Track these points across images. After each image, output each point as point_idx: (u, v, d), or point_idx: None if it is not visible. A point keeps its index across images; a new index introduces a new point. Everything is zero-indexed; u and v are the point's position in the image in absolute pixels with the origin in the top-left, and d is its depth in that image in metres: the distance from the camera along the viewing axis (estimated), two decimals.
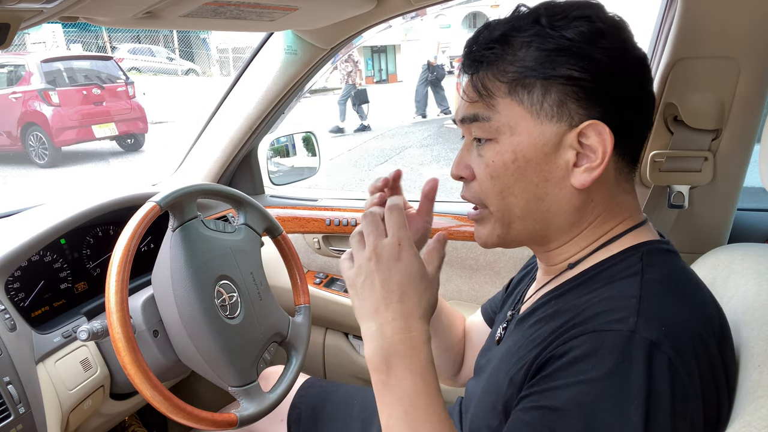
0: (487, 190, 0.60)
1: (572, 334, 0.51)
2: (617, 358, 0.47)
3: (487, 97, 0.58)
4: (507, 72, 0.57)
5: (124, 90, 8.27)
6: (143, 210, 0.86)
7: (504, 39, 0.57)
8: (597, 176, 0.56)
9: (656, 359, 0.47)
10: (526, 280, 0.77)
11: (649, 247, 0.58)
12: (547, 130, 0.56)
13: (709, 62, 0.83)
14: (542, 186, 0.58)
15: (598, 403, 0.46)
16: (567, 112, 0.56)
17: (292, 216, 1.56)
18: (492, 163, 0.59)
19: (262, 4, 0.86)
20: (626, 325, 0.49)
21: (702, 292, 0.56)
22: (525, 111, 0.56)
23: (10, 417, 0.82)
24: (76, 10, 0.71)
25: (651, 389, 0.46)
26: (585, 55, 0.55)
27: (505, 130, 0.58)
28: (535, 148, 0.57)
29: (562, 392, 0.48)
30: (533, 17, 0.57)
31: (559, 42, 0.55)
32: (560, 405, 0.48)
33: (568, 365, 0.49)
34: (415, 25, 17.50)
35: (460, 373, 0.92)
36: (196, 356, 0.88)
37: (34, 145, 7.60)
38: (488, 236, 0.63)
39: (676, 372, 0.47)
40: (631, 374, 0.46)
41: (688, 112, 0.87)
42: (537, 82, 0.56)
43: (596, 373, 0.47)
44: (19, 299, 1.00)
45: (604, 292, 0.55)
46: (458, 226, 1.36)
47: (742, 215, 1.06)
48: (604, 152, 0.55)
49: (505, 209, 0.60)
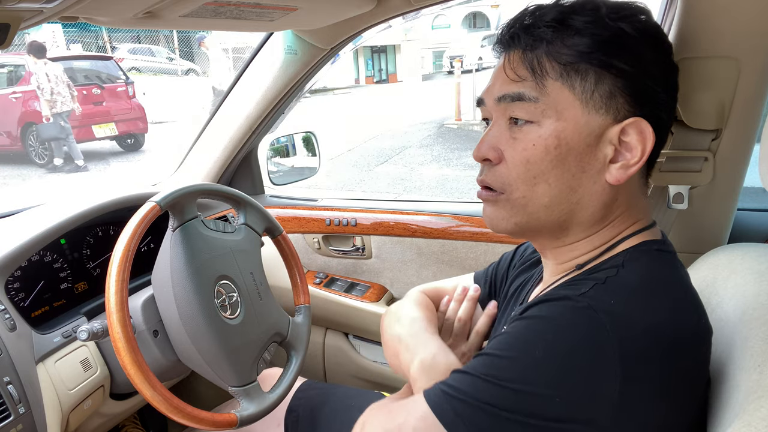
0: (519, 174, 0.58)
1: (529, 304, 0.55)
2: (552, 306, 0.52)
3: (540, 77, 0.56)
4: (562, 54, 0.55)
5: (124, 90, 8.27)
6: (143, 210, 0.86)
7: (562, 20, 0.56)
8: (631, 174, 0.56)
9: (586, 317, 0.49)
10: (527, 282, 0.77)
11: (640, 247, 0.58)
12: (593, 120, 0.55)
13: (709, 62, 0.83)
14: (578, 176, 0.57)
15: (518, 333, 0.52)
16: (614, 105, 0.55)
17: (292, 216, 1.56)
18: (532, 146, 0.56)
19: (262, 4, 0.86)
20: (576, 292, 0.52)
21: (682, 294, 0.55)
22: (575, 97, 0.55)
23: (10, 417, 0.82)
24: (76, 10, 0.71)
25: (559, 338, 0.49)
26: (638, 52, 0.55)
27: (551, 113, 0.56)
28: (579, 137, 0.55)
29: (506, 330, 0.54)
30: (592, 5, 0.56)
31: (616, 33, 0.55)
32: (500, 332, 0.55)
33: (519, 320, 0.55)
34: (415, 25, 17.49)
35: None
36: (196, 356, 0.88)
37: (34, 145, 7.60)
38: (503, 221, 0.61)
39: (600, 333, 0.48)
40: (552, 321, 0.51)
41: (688, 112, 0.87)
42: (591, 69, 0.55)
43: (530, 314, 0.53)
44: (19, 299, 1.00)
45: None
46: (458, 226, 1.36)
47: (742, 215, 1.06)
48: (643, 150, 0.55)
49: (533, 196, 0.58)
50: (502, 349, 0.52)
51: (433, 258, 1.41)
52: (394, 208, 1.45)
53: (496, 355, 0.51)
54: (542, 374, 0.48)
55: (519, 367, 0.49)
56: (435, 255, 1.40)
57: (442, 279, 1.41)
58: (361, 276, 1.54)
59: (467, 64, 14.31)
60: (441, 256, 1.39)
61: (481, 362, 0.52)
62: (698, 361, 0.53)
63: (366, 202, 1.53)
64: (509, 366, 0.50)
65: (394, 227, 1.43)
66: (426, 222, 1.39)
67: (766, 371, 0.51)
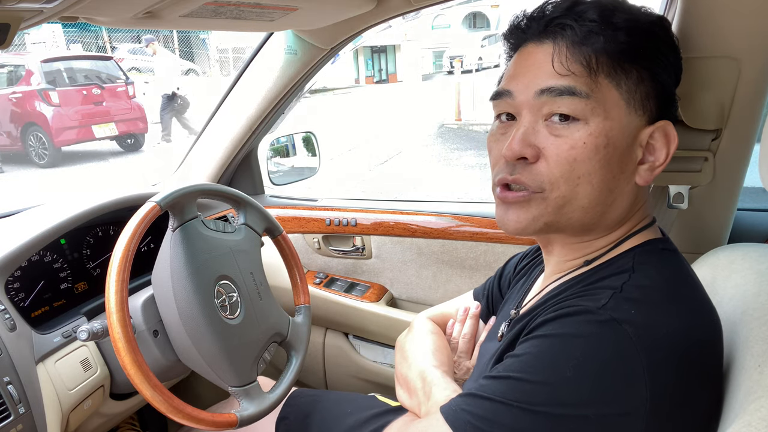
0: (561, 173, 0.55)
1: (546, 318, 0.53)
2: (575, 322, 0.50)
3: (594, 73, 0.54)
4: (613, 51, 0.54)
5: (124, 90, 8.26)
6: (143, 210, 0.86)
7: (603, 17, 0.54)
8: (656, 175, 0.57)
9: (610, 330, 0.48)
10: (525, 279, 0.77)
11: (646, 247, 0.58)
12: (633, 121, 0.55)
13: (709, 62, 0.83)
14: (617, 177, 0.56)
15: (543, 354, 0.50)
16: (649, 107, 0.56)
17: (292, 216, 1.56)
18: (582, 145, 0.54)
19: (262, 4, 0.86)
20: (596, 303, 0.51)
21: (695, 294, 0.55)
22: (620, 96, 0.55)
23: (10, 417, 0.82)
24: (76, 10, 0.71)
25: (588, 356, 0.48)
26: (667, 56, 0.56)
27: (599, 111, 0.54)
28: (623, 137, 0.55)
29: (523, 344, 0.53)
30: (625, 4, 0.56)
31: (654, 34, 0.55)
32: (519, 352, 0.52)
33: (534, 330, 0.53)
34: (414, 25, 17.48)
35: None
36: (196, 356, 0.88)
37: (34, 145, 7.60)
38: (531, 221, 0.58)
39: (627, 346, 0.47)
40: (578, 338, 0.49)
41: (688, 112, 0.87)
42: (634, 68, 0.54)
43: (552, 331, 0.51)
44: (19, 299, 1.00)
45: (591, 287, 0.56)
46: (458, 226, 1.36)
47: (742, 215, 1.06)
48: (668, 152, 0.56)
49: (573, 197, 0.55)
50: (528, 372, 0.50)
51: (433, 258, 1.41)
52: (394, 208, 1.45)
53: (524, 379, 0.50)
54: (576, 394, 0.47)
55: (551, 390, 0.48)
56: (435, 255, 1.40)
57: (441, 279, 1.41)
58: (361, 276, 1.54)
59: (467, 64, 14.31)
60: (441, 256, 1.39)
61: (507, 387, 0.50)
62: (717, 358, 0.54)
63: (366, 202, 1.53)
64: (541, 390, 0.48)
65: (394, 227, 1.43)
66: (426, 222, 1.39)
67: (766, 371, 0.51)
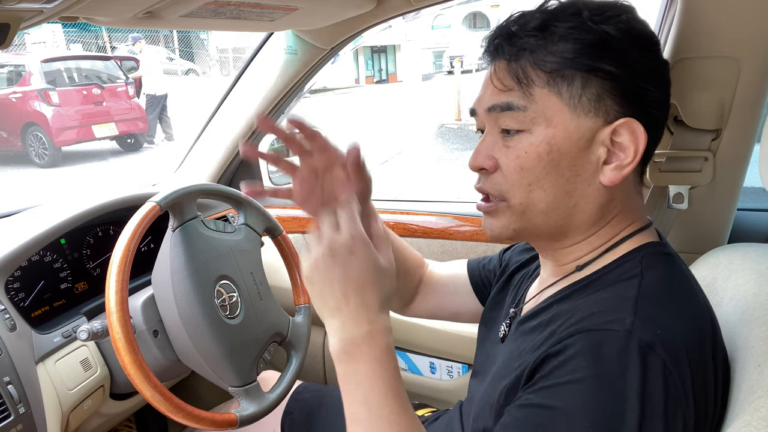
0: (514, 182, 0.58)
1: (567, 333, 0.51)
2: (612, 358, 0.47)
3: (526, 86, 0.56)
4: (547, 62, 0.56)
5: (124, 90, 8.26)
6: (143, 210, 0.86)
7: (544, 27, 0.56)
8: (626, 175, 0.56)
9: (651, 361, 0.47)
10: (525, 277, 0.77)
11: (649, 250, 0.58)
12: (583, 124, 0.56)
13: (709, 62, 0.83)
14: (572, 181, 0.57)
15: (592, 403, 0.46)
16: (603, 107, 0.55)
17: (292, 216, 1.56)
18: (524, 154, 0.57)
19: (262, 4, 0.86)
20: (622, 325, 0.49)
21: (697, 297, 0.56)
22: (562, 103, 0.56)
23: (10, 417, 0.82)
24: (76, 10, 0.70)
25: (645, 391, 0.46)
26: (624, 53, 0.55)
27: (540, 121, 0.56)
28: (570, 142, 0.56)
29: (556, 390, 0.48)
30: (573, 9, 0.56)
31: (600, 36, 0.55)
32: (553, 404, 0.48)
33: (563, 364, 0.49)
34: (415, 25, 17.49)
35: (412, 305, 0.92)
36: (196, 356, 0.88)
37: (34, 145, 7.60)
38: (502, 229, 0.61)
39: (670, 374, 0.47)
40: (626, 376, 0.46)
41: (688, 112, 0.87)
42: (577, 74, 0.55)
43: (590, 372, 0.47)
44: (19, 299, 1.00)
45: (601, 294, 0.55)
46: (458, 226, 1.36)
47: (742, 215, 1.06)
48: (636, 151, 0.55)
49: (530, 203, 0.59)
50: (560, 399, 0.47)
51: (433, 258, 1.40)
52: (394, 208, 1.45)
53: (557, 407, 0.47)
54: (623, 421, 0.45)
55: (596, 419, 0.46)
56: (435, 255, 1.40)
57: None
58: None
59: (467, 64, 14.32)
60: (441, 256, 1.39)
61: (543, 418, 0.47)
62: (724, 362, 0.55)
63: None
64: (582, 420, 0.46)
65: (394, 227, 1.43)
66: (426, 222, 1.39)
67: (766, 371, 0.51)
